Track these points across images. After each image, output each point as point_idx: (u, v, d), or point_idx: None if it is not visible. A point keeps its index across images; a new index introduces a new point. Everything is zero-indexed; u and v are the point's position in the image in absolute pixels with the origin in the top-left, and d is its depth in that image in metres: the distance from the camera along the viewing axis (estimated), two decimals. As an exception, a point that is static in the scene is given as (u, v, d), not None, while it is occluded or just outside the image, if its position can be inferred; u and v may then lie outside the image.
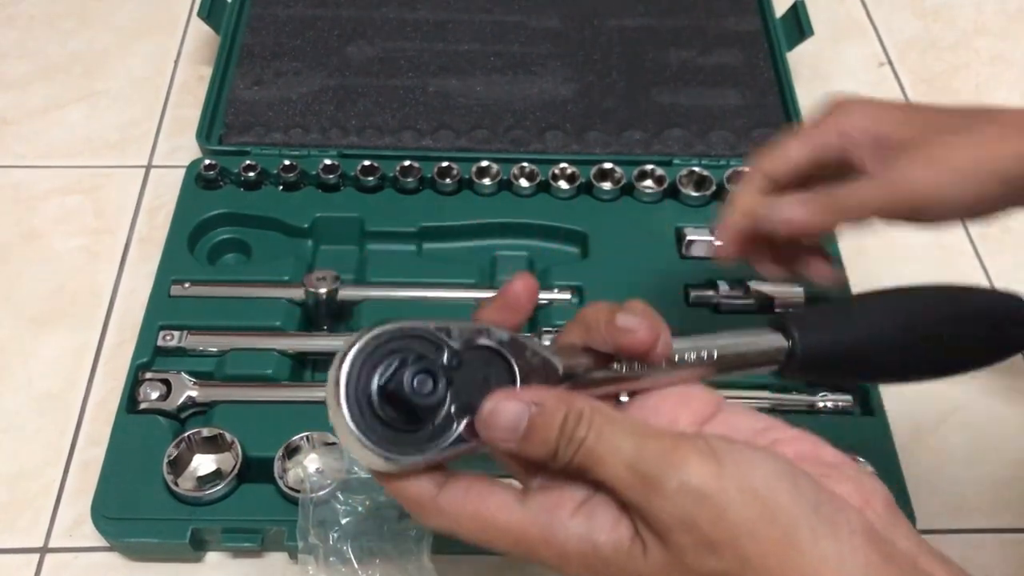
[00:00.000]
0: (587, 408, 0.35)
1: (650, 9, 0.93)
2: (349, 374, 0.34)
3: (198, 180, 0.77)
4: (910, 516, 0.60)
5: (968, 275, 0.79)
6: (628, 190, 0.78)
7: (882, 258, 0.80)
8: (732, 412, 0.39)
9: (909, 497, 0.61)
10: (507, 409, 0.35)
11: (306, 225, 0.75)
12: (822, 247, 0.55)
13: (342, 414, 0.33)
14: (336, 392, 0.33)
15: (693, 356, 0.40)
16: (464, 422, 0.35)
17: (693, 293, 0.71)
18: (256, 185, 0.77)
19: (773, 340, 0.43)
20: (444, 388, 0.34)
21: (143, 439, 0.62)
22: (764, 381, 0.65)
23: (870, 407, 0.66)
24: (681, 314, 0.70)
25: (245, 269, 0.74)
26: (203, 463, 0.62)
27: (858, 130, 0.50)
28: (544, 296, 0.71)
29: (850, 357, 0.45)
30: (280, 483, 0.60)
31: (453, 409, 0.35)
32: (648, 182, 0.78)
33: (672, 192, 0.78)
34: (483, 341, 0.36)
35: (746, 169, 0.54)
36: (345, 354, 0.34)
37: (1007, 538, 0.65)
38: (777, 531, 0.32)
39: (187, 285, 0.70)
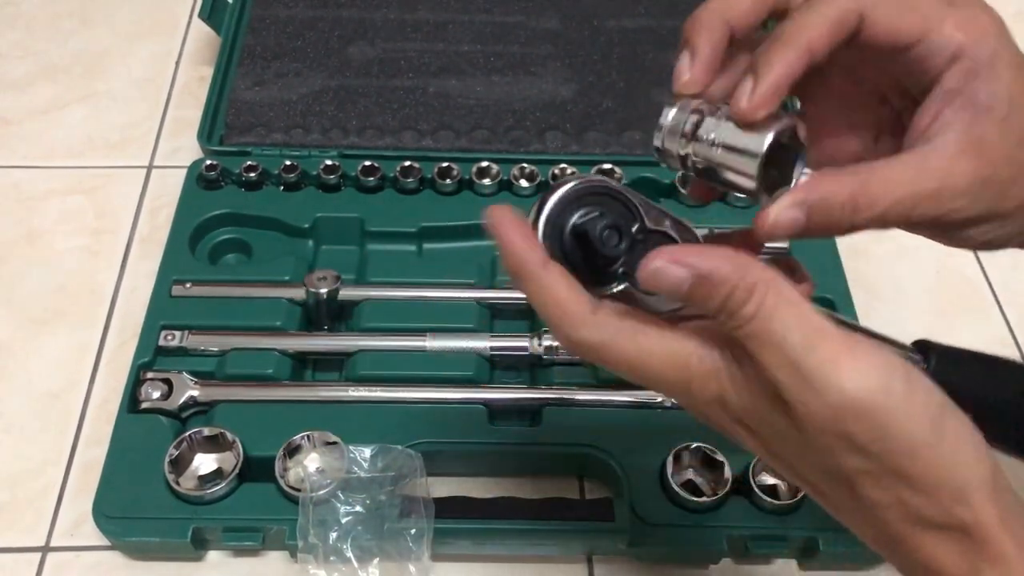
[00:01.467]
0: (761, 283, 0.32)
1: (650, 9, 0.93)
2: (557, 201, 0.38)
3: (199, 180, 0.77)
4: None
5: (967, 276, 0.80)
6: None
7: (881, 259, 0.80)
8: None
9: (908, 496, 0.61)
10: (671, 274, 0.34)
11: (307, 225, 0.75)
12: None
13: (537, 228, 0.37)
14: (540, 209, 0.38)
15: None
16: (623, 285, 0.38)
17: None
18: (257, 185, 0.77)
19: (912, 355, 0.44)
20: (624, 248, 0.37)
21: (144, 439, 0.62)
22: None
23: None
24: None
25: (246, 269, 0.74)
26: (204, 462, 0.63)
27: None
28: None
29: (972, 401, 0.46)
30: (281, 482, 0.60)
31: (621, 270, 0.38)
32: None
33: (670, 192, 0.78)
34: (670, 231, 0.38)
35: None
36: (561, 185, 0.38)
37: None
38: (941, 452, 0.33)
39: (188, 285, 0.70)
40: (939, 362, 0.44)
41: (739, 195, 0.39)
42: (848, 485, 0.34)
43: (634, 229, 0.38)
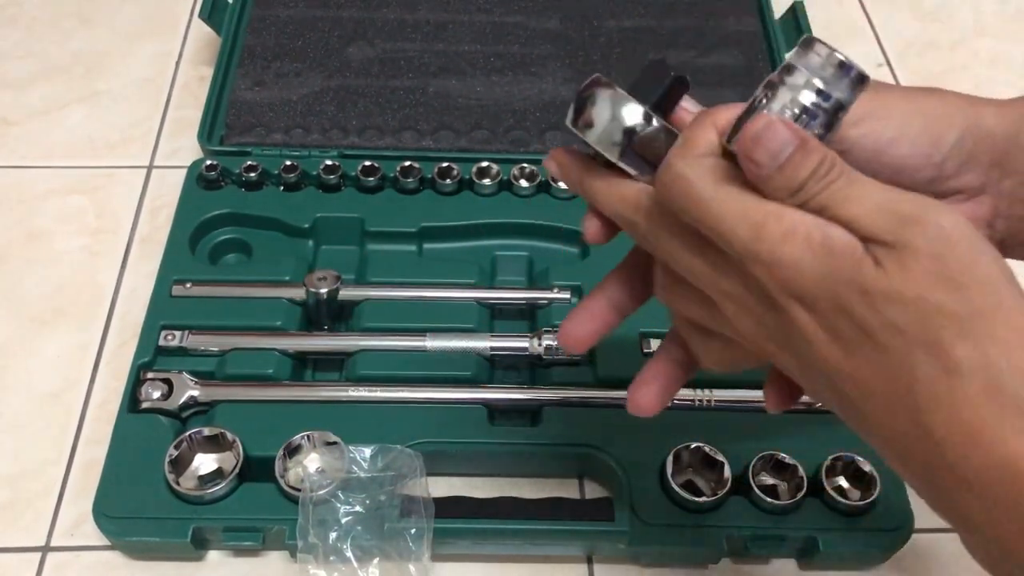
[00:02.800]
0: (840, 160, 0.35)
1: (649, 10, 0.93)
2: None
3: (199, 180, 0.77)
4: (909, 514, 0.60)
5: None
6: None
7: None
8: None
9: (908, 497, 0.61)
10: (780, 134, 0.35)
11: (307, 225, 0.75)
12: None
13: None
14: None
15: None
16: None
17: (692, 293, 0.71)
18: (257, 185, 0.77)
19: None
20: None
21: (144, 438, 0.62)
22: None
23: (869, 407, 0.66)
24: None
25: (246, 269, 0.74)
26: (204, 462, 0.63)
27: None
28: (544, 296, 0.71)
29: None
30: (281, 482, 0.60)
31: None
32: None
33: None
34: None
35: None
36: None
37: (1005, 537, 0.65)
38: (1019, 299, 0.32)
39: (188, 285, 0.70)
40: None
41: None
42: (935, 346, 0.32)
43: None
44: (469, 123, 0.83)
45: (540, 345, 0.67)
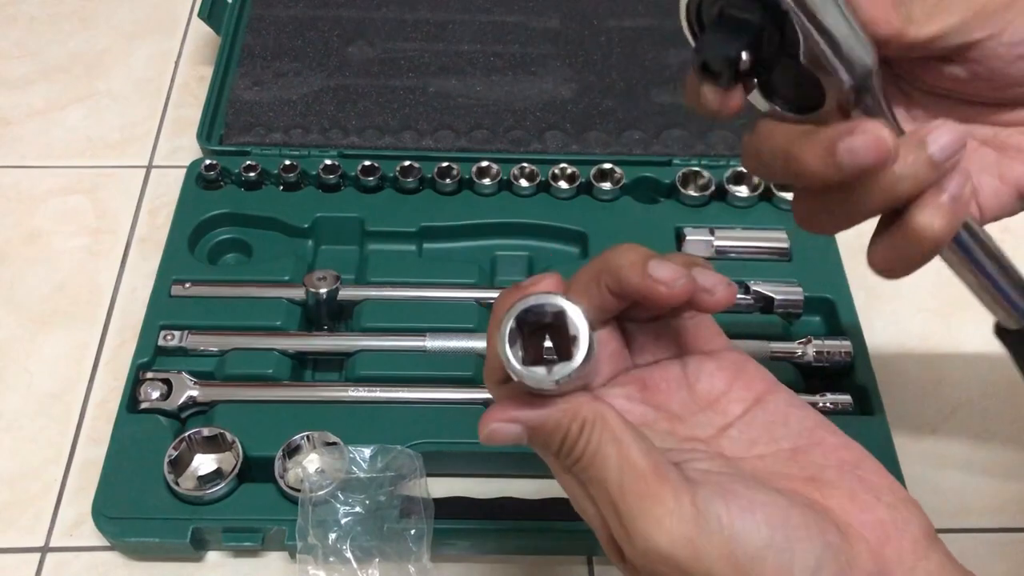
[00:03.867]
0: (588, 421, 0.33)
1: (650, 9, 0.93)
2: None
3: (199, 180, 0.77)
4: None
5: (967, 275, 0.80)
6: (628, 190, 0.78)
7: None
8: (786, 400, 0.38)
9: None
10: (507, 432, 0.34)
11: (306, 225, 0.75)
12: None
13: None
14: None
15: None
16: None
17: (693, 293, 0.71)
18: (257, 185, 0.77)
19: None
20: (749, 56, 0.34)
21: (144, 439, 0.62)
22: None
23: (870, 407, 0.66)
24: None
25: (246, 269, 0.74)
26: (204, 463, 0.63)
27: None
28: (544, 296, 0.71)
29: None
30: (280, 483, 0.60)
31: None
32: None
33: (670, 192, 0.78)
34: (819, 76, 0.34)
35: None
36: None
37: (1007, 537, 0.65)
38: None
39: (188, 285, 0.70)
40: None
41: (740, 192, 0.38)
42: None
43: (782, 53, 0.33)
44: (469, 123, 0.83)
45: (540, 345, 0.67)
